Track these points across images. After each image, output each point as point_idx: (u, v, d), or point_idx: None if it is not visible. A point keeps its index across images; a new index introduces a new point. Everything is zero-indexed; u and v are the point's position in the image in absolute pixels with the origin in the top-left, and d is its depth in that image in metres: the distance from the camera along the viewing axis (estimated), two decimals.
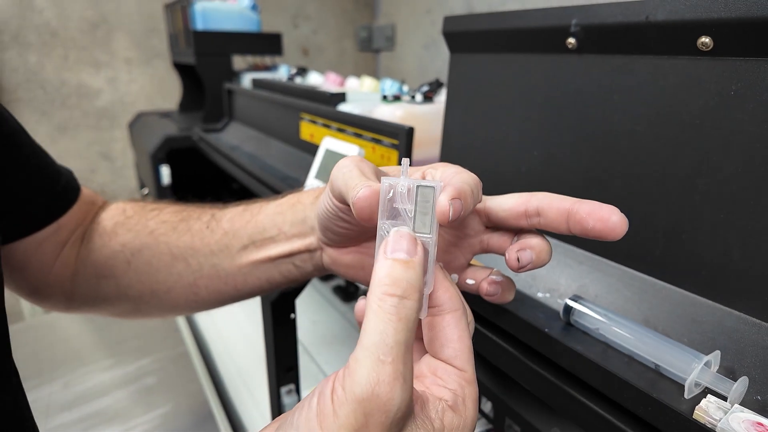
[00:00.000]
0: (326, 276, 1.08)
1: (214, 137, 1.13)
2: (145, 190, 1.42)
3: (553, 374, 0.32)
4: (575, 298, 0.36)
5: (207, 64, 1.30)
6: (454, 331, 0.23)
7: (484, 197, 0.29)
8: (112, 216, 0.42)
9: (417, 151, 0.66)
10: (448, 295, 0.23)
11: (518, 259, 0.26)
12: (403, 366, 0.18)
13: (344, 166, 0.27)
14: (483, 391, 0.42)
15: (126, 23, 1.69)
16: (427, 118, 0.72)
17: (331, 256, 0.34)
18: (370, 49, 2.42)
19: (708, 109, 0.32)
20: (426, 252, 0.22)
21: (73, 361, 0.89)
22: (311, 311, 0.97)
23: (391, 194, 0.22)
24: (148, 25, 1.73)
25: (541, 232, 0.29)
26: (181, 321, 1.00)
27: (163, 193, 1.20)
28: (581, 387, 0.30)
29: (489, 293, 0.29)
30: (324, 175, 0.65)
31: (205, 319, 1.01)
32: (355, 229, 0.31)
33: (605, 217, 0.24)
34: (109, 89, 1.70)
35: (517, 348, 0.35)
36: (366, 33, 2.30)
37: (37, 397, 0.81)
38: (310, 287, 1.06)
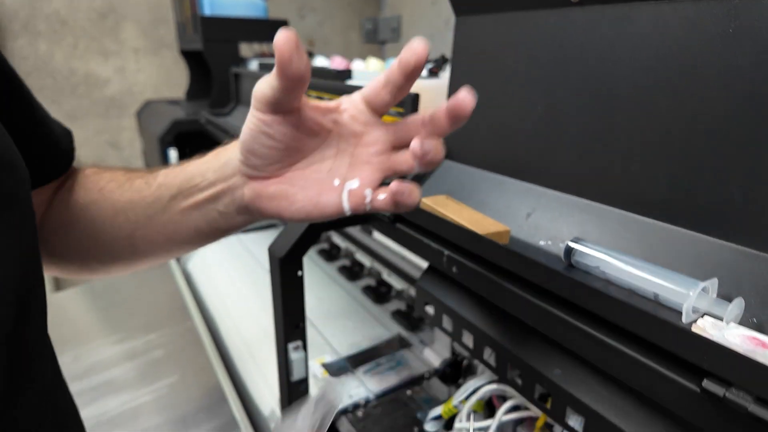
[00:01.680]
0: (330, 257, 1.09)
1: (221, 120, 1.14)
2: None
3: (556, 307, 0.33)
4: (576, 240, 0.37)
5: (214, 50, 1.31)
6: None
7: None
8: (73, 176, 0.43)
9: None
10: None
11: (422, 145, 0.30)
12: None
13: (262, 78, 0.31)
14: (486, 341, 0.43)
15: (134, 13, 1.71)
16: (432, 92, 0.73)
17: (254, 189, 0.35)
18: (376, 41, 2.43)
19: (707, 51, 0.32)
20: None
21: (82, 336, 0.91)
22: (317, 288, 0.98)
23: None
24: (155, 15, 1.75)
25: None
26: (188, 298, 1.01)
27: None
28: (583, 316, 0.31)
29: (397, 191, 0.31)
30: None
31: (212, 296, 1.02)
32: (278, 146, 0.33)
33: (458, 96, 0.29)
34: (118, 78, 1.73)
35: (521, 287, 0.36)
36: (371, 25, 2.31)
37: None
38: (317, 268, 1.08)
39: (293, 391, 0.61)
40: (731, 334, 0.26)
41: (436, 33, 1.93)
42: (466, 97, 0.29)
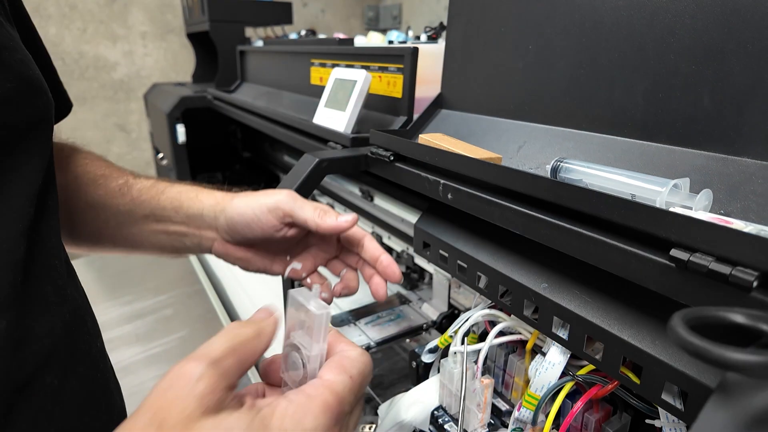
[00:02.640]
0: None
1: (228, 96, 1.17)
2: (161, 155, 1.47)
3: (542, 212, 0.35)
4: (560, 159, 0.39)
5: (220, 30, 1.34)
6: None
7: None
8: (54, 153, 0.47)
9: (421, 89, 0.69)
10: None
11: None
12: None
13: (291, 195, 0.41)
14: (479, 268, 0.46)
15: None
16: (431, 57, 0.76)
17: (223, 248, 0.43)
18: (377, 29, 2.46)
19: None
20: None
21: (93, 297, 0.94)
22: None
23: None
24: (162, 0, 1.78)
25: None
26: (195, 262, 1.04)
27: (178, 152, 1.25)
28: (567, 216, 0.34)
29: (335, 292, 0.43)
30: (334, 103, 0.69)
31: (217, 260, 1.05)
32: (267, 241, 0.42)
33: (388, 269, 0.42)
34: (126, 62, 1.76)
35: (511, 200, 0.38)
36: (373, 13, 2.34)
37: None
38: None
39: None
40: (699, 214, 0.28)
41: (436, 20, 1.95)
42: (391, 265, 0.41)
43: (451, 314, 0.74)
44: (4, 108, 0.28)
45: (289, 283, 0.54)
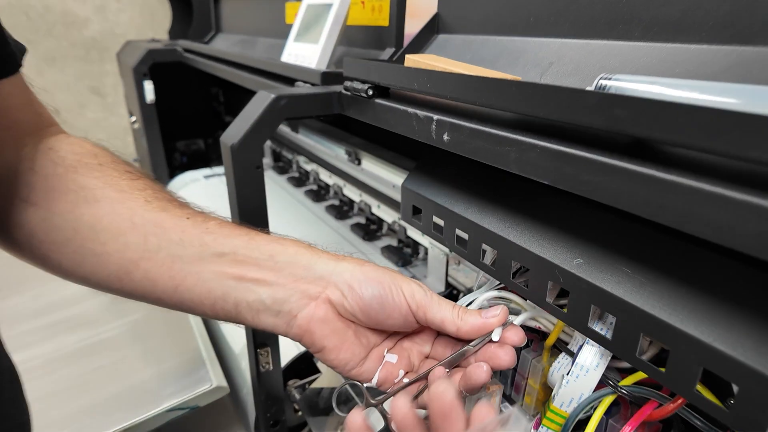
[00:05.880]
0: (318, 197, 1.00)
1: (201, 47, 1.03)
2: (133, 119, 1.34)
3: (585, 148, 0.23)
4: (607, 76, 0.27)
5: None
6: None
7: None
8: (75, 151, 0.36)
9: (411, 23, 0.56)
10: None
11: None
12: None
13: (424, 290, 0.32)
14: (485, 237, 0.34)
15: None
16: None
17: (326, 311, 0.32)
18: None
19: None
20: None
21: (43, 276, 0.83)
22: (304, 227, 0.89)
23: None
24: None
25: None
26: None
27: (146, 112, 1.12)
28: (622, 153, 0.22)
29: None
30: (304, 35, 0.56)
31: None
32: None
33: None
34: (98, 18, 1.61)
35: (536, 135, 0.26)
36: None
37: (3, 307, 0.75)
38: (303, 208, 0.99)
39: None
40: None
41: None
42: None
43: (449, 295, 0.63)
44: None
45: None
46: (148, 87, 1.09)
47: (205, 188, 1.15)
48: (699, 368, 0.23)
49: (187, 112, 1.42)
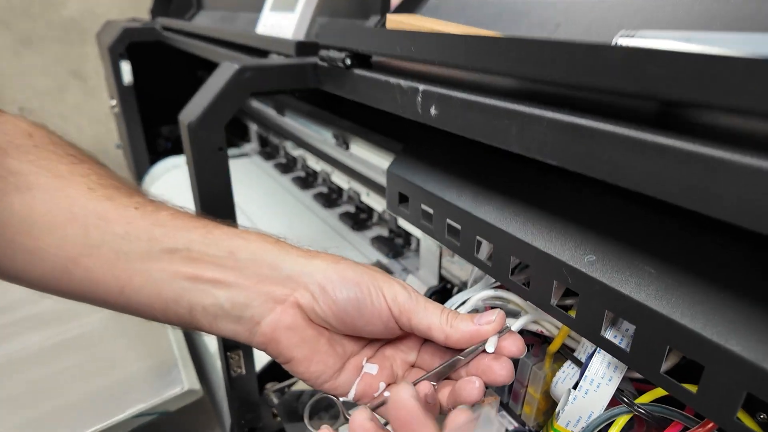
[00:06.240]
0: (306, 185, 0.95)
1: (181, 24, 0.97)
2: (113, 102, 1.28)
3: (598, 119, 0.19)
4: (629, 33, 0.22)
5: None
6: None
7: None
8: (6, 131, 0.30)
9: None
10: None
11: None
12: None
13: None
14: (479, 229, 0.30)
15: None
16: None
17: (295, 318, 0.28)
18: None
19: None
20: None
21: None
22: (291, 217, 0.85)
23: None
24: None
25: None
26: None
27: (124, 94, 1.06)
28: (650, 125, 0.17)
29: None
30: (280, 3, 0.50)
31: None
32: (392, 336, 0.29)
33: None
34: None
35: (540, 105, 0.22)
36: None
37: None
38: (290, 196, 0.94)
39: None
40: None
41: None
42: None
43: (443, 289, 0.59)
44: None
45: None
46: (126, 68, 1.03)
47: (187, 174, 1.10)
48: (742, 393, 0.18)
49: (171, 96, 1.35)
